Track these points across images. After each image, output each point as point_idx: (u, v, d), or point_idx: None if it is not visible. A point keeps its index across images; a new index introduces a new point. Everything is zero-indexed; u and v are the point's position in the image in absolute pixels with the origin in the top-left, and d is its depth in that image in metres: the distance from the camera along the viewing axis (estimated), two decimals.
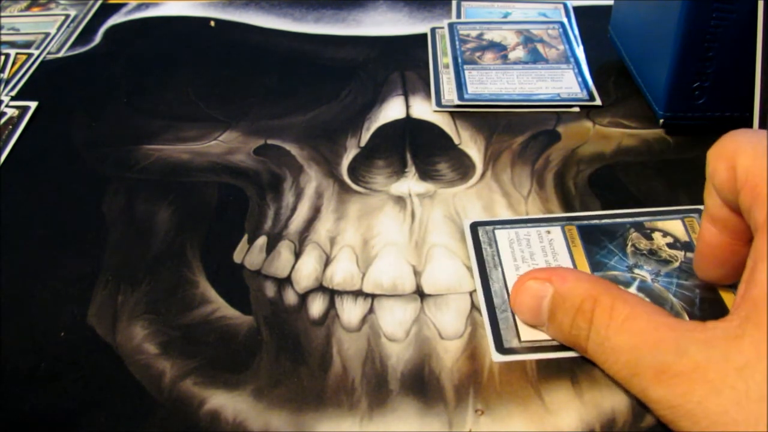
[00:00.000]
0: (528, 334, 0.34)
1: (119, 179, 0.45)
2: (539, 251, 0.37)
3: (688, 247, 0.37)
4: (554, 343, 0.33)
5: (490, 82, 0.52)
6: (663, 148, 0.46)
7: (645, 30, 0.48)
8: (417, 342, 0.35)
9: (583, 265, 0.37)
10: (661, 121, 0.46)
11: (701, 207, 0.39)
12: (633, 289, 0.35)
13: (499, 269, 0.37)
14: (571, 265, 0.37)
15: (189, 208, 0.43)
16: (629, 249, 0.37)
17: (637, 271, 0.36)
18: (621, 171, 0.44)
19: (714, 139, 0.31)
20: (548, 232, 0.38)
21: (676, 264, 0.36)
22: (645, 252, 0.37)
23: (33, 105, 0.52)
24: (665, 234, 0.38)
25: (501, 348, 0.33)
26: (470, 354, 0.34)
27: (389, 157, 0.46)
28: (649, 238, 0.38)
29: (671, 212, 0.39)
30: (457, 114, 0.50)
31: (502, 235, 0.38)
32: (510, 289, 0.35)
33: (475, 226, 0.39)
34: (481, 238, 0.38)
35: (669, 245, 0.37)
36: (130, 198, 0.44)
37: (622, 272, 0.36)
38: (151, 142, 0.48)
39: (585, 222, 0.39)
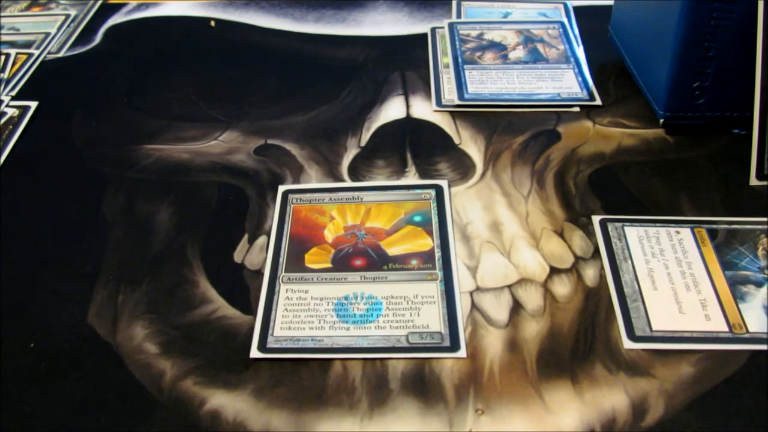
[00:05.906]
0: (660, 324, 0.34)
1: (119, 179, 0.45)
2: (669, 249, 0.38)
3: None
4: (686, 334, 0.34)
5: (491, 82, 0.52)
6: (663, 148, 0.46)
7: (645, 30, 0.48)
8: None
9: (714, 263, 0.37)
10: (661, 121, 0.46)
11: None
12: (765, 289, 0.36)
13: (629, 262, 0.38)
14: (701, 263, 0.37)
15: (189, 208, 0.43)
16: (760, 252, 0.38)
17: None
18: (621, 171, 0.44)
19: (714, 139, 0.31)
20: (677, 232, 0.39)
21: None
22: None
23: (33, 105, 0.52)
24: None
25: (633, 336, 0.34)
26: (470, 354, 0.34)
27: (389, 157, 0.46)
28: None
29: None
30: (457, 114, 0.50)
31: (632, 232, 0.40)
32: (640, 281, 0.36)
33: (604, 222, 0.40)
34: (611, 232, 0.40)
35: None
36: (130, 198, 0.44)
37: (754, 272, 0.37)
38: (151, 142, 0.48)
39: (713, 226, 0.40)
